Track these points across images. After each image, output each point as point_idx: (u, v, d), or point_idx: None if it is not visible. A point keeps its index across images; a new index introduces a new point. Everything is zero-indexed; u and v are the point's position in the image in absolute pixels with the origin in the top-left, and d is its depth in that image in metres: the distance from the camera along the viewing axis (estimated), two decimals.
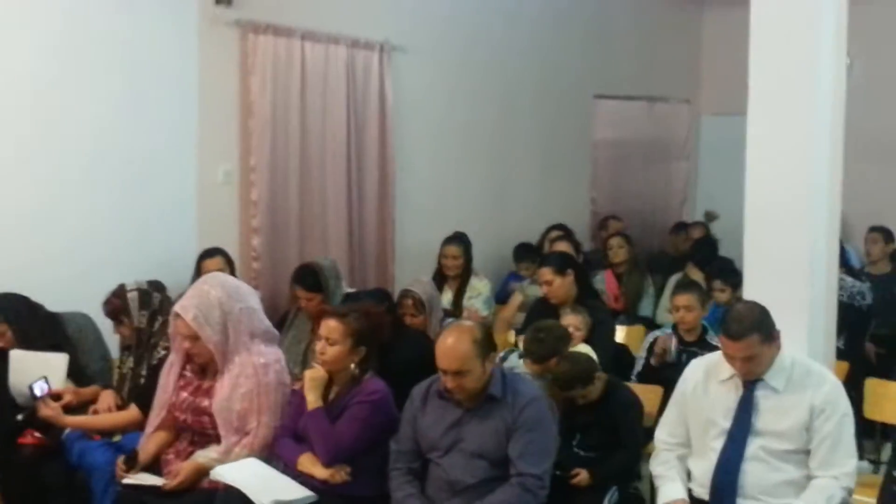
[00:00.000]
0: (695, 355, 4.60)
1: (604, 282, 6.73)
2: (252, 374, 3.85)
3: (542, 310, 5.30)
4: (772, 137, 4.24)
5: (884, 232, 7.17)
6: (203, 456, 3.83)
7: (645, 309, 6.74)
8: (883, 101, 8.18)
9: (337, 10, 6.55)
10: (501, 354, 4.48)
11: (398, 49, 6.87)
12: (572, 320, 4.88)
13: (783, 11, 4.19)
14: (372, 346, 3.87)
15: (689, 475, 3.70)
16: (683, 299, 5.05)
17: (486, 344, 3.60)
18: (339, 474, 3.67)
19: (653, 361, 4.99)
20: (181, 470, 3.80)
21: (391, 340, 4.18)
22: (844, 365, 4.92)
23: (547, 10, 8.19)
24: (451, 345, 3.55)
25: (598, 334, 4.94)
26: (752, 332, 3.48)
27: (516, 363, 4.47)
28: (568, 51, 8.37)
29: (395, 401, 3.84)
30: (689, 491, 3.65)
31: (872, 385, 4.74)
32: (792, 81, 4.18)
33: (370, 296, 5.00)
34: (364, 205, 6.76)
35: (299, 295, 5.19)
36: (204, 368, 3.97)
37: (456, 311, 6.03)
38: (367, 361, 3.86)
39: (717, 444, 3.59)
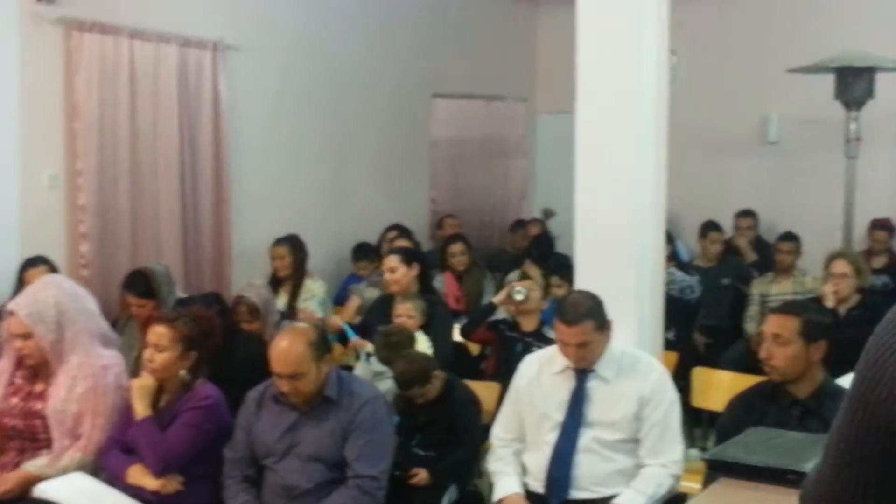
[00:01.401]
0: (530, 346, 4.69)
1: (443, 283, 6.77)
2: (90, 375, 3.75)
3: (381, 309, 5.30)
4: (599, 135, 4.34)
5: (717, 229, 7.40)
6: (32, 465, 3.69)
7: None
8: (709, 98, 8.50)
9: (167, 8, 6.37)
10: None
11: (232, 48, 6.73)
12: (404, 309, 4.91)
13: (608, 10, 4.29)
14: (203, 351, 3.78)
15: (525, 470, 3.76)
16: None
17: (321, 346, 3.56)
18: (171, 484, 3.57)
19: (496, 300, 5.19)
20: (7, 479, 3.64)
21: (224, 345, 4.09)
22: (673, 356, 5.08)
23: (382, 9, 8.19)
24: (285, 348, 3.50)
25: (436, 328, 4.96)
26: (586, 318, 3.58)
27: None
28: (405, 50, 8.39)
29: (231, 407, 3.76)
30: (525, 485, 3.71)
31: (699, 374, 4.91)
32: (617, 79, 4.29)
33: (201, 300, 4.90)
34: (199, 208, 6.60)
35: (130, 302, 5.03)
36: (36, 372, 3.83)
37: (291, 313, 5.96)
38: (198, 367, 3.77)
39: (551, 437, 3.66)
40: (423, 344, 4.72)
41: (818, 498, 0.95)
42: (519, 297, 5.04)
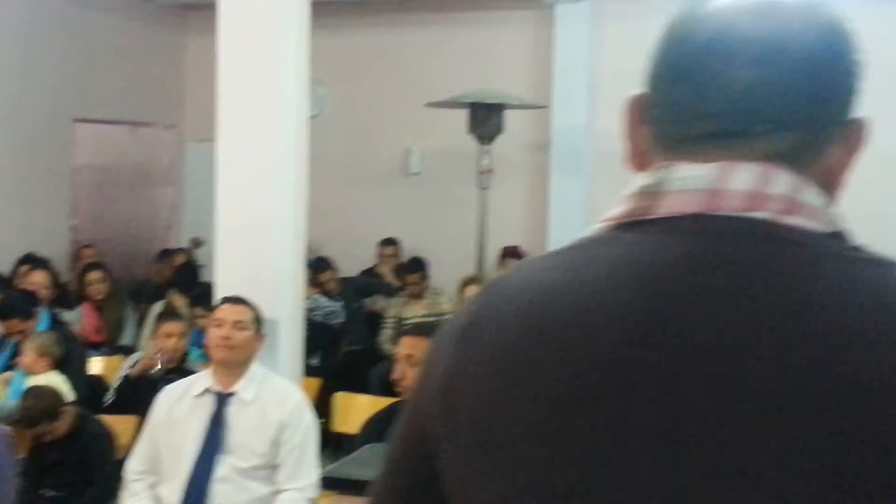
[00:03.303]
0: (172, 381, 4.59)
1: (82, 314, 6.48)
2: None
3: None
4: (240, 164, 4.36)
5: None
6: None
7: (127, 338, 6.59)
8: (355, 129, 8.75)
9: None
10: None
11: None
12: (30, 349, 4.65)
13: (248, 40, 4.33)
14: None
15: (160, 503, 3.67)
16: (167, 327, 5.02)
17: None
18: None
19: (132, 373, 4.87)
20: None
21: None
22: (315, 381, 5.17)
23: (21, 29, 7.75)
24: None
25: (70, 363, 4.74)
26: (249, 305, 3.63)
27: None
28: (44, 72, 7.98)
29: None
30: None
31: (340, 399, 5.02)
32: (257, 109, 4.33)
33: None
34: None
35: None
36: None
37: None
38: None
39: (188, 466, 3.60)
40: (58, 382, 4.49)
41: None
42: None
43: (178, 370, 4.92)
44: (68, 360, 4.76)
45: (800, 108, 0.86)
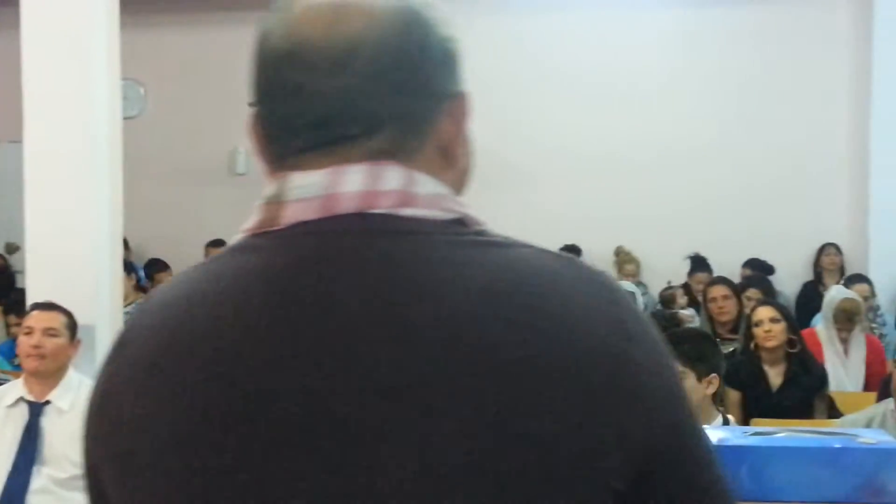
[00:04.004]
0: None
1: None
2: None
3: None
4: (49, 166, 4.23)
5: None
6: None
7: None
8: (179, 130, 8.59)
9: None
10: None
11: None
12: None
13: (52, 38, 4.21)
14: None
15: None
16: None
17: None
18: None
19: None
20: None
21: None
22: None
23: None
24: None
25: None
26: (59, 309, 3.66)
27: None
28: None
29: None
30: None
31: None
32: (65, 109, 4.21)
33: None
34: None
35: None
36: None
37: None
38: None
39: (2, 478, 3.49)
40: None
41: None
42: None
43: None
44: None
45: (392, 102, 0.88)
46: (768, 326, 4.57)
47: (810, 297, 7.17)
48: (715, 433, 1.79)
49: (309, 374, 0.81)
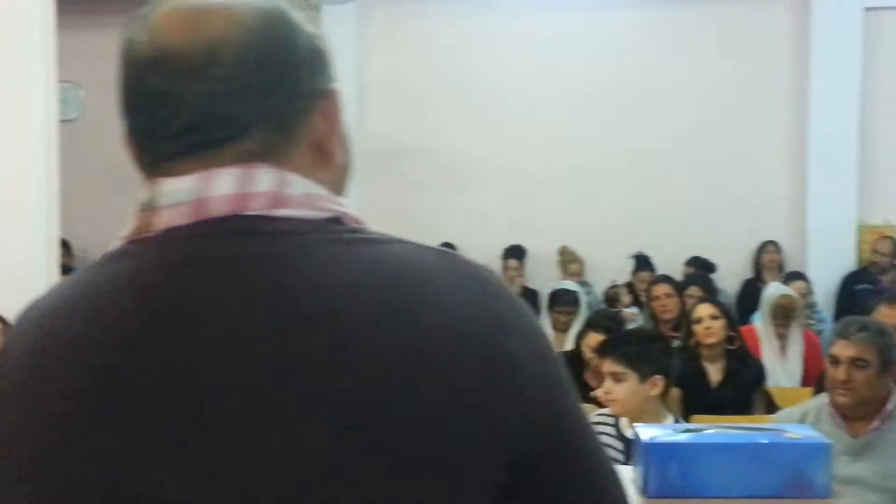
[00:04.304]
0: None
1: None
2: None
3: None
4: None
5: None
6: None
7: None
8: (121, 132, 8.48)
9: None
10: None
11: None
12: None
13: None
14: None
15: None
16: None
17: None
18: None
19: None
20: None
21: None
22: None
23: None
24: None
25: None
26: None
27: None
28: None
29: None
30: None
31: None
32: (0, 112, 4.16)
33: None
34: None
35: None
36: None
37: None
38: None
39: None
40: None
41: None
42: None
43: None
44: None
45: (258, 104, 0.88)
46: (708, 324, 4.64)
47: (751, 294, 7.27)
48: (646, 431, 1.82)
49: (181, 378, 0.81)
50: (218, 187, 0.87)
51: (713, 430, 1.87)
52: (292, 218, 0.87)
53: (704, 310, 4.72)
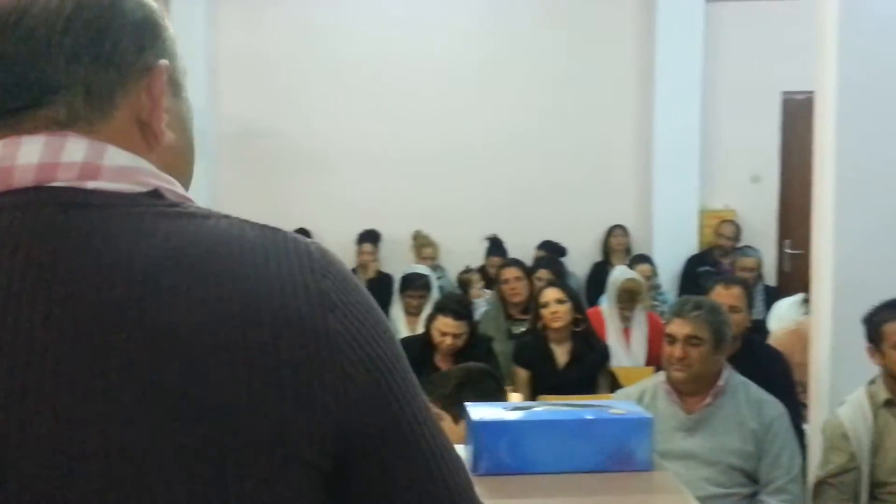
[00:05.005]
0: None
1: None
2: None
3: None
4: None
5: None
6: None
7: None
8: None
9: None
10: None
11: None
12: None
13: None
14: None
15: None
16: None
17: None
18: None
19: None
20: None
21: None
22: None
23: None
24: None
25: None
26: None
27: None
28: None
29: None
30: None
31: None
32: None
33: None
34: None
35: None
36: None
37: None
38: None
39: None
40: None
41: None
42: None
43: None
44: None
45: (68, 70, 0.84)
46: (554, 308, 4.73)
47: (600, 276, 7.45)
48: (476, 410, 1.85)
49: None
50: (23, 156, 0.82)
51: (542, 407, 1.92)
52: (104, 191, 0.83)
53: (551, 294, 4.81)
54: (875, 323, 3.36)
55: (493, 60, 8.26)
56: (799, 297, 5.86)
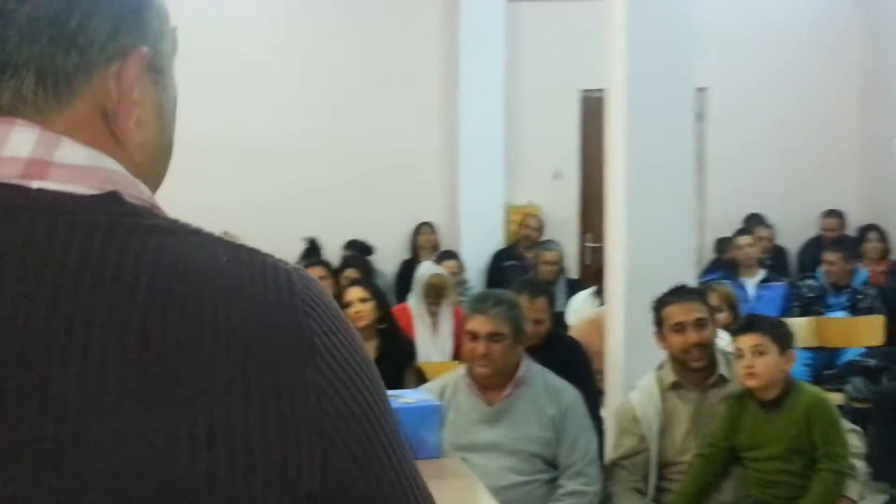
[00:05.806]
0: None
1: None
2: None
3: None
4: None
5: None
6: None
7: None
8: None
9: None
10: None
11: None
12: None
13: None
14: None
15: None
16: None
17: None
18: None
19: None
20: None
21: None
22: None
23: None
24: None
25: None
26: None
27: None
28: None
29: None
30: None
31: None
32: None
33: None
34: None
35: None
36: None
37: None
38: None
39: None
40: None
41: None
42: None
43: None
44: None
45: (20, 45, 0.73)
46: (357, 307, 4.72)
47: (408, 273, 7.50)
48: None
49: None
50: None
51: None
52: (53, 191, 0.71)
53: (354, 293, 4.80)
54: (658, 308, 3.52)
55: (296, 57, 8.18)
56: (591, 289, 6.08)
